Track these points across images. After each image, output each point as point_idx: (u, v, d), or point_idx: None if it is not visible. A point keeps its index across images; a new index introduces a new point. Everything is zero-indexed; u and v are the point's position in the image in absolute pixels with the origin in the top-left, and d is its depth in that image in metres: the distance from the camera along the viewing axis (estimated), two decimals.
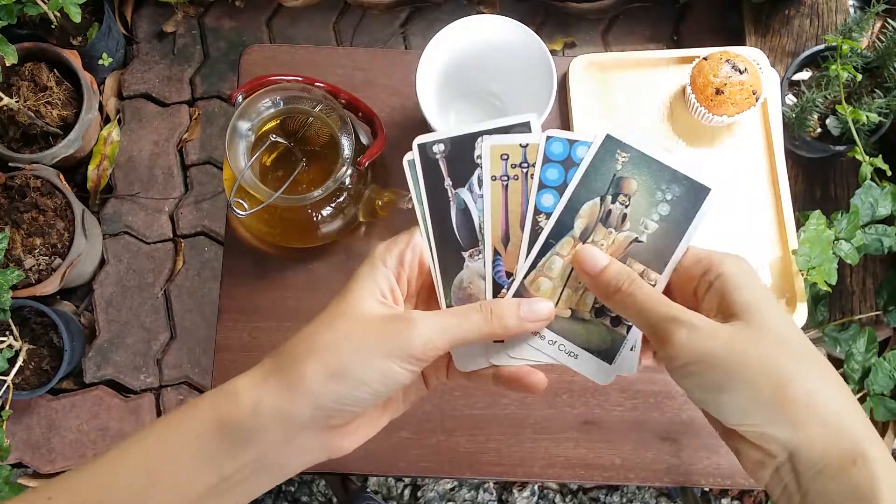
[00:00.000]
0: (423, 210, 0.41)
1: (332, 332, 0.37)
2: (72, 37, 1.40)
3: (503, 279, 0.40)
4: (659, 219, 0.39)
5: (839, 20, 1.21)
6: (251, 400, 0.37)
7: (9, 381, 1.20)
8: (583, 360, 0.40)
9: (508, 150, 0.40)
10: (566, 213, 0.39)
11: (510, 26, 0.70)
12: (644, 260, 0.39)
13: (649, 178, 0.40)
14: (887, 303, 1.03)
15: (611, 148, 0.39)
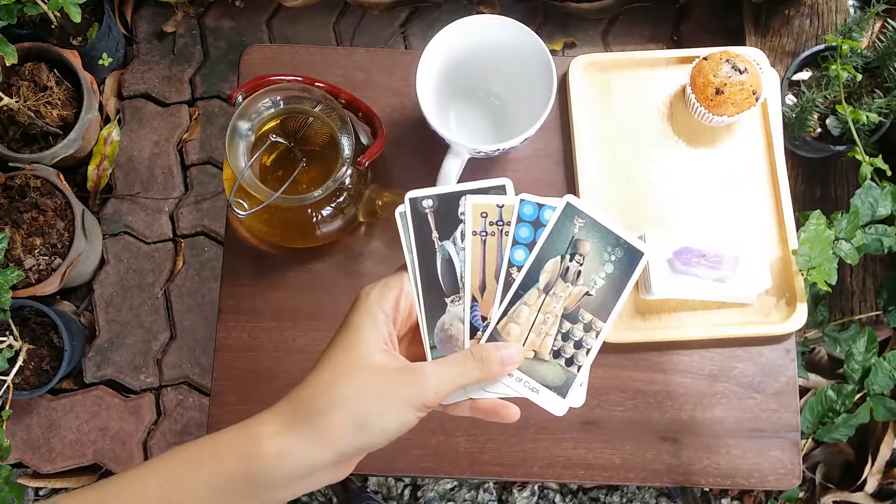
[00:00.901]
0: (413, 259, 0.46)
1: (351, 385, 0.41)
2: (72, 37, 1.40)
3: (479, 323, 0.46)
4: (605, 276, 0.46)
5: (839, 20, 1.21)
6: (278, 449, 0.40)
7: (9, 381, 1.20)
8: (542, 395, 0.46)
9: (487, 209, 0.46)
10: (533, 267, 0.46)
11: (510, 26, 0.70)
12: (592, 310, 0.46)
13: (599, 241, 0.46)
14: (887, 303, 1.03)
15: (570, 214, 0.46)
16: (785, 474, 0.73)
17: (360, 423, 0.40)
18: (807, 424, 1.02)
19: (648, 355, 0.75)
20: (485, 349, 0.44)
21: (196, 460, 0.40)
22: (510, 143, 0.68)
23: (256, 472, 0.39)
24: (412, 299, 0.45)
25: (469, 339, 0.46)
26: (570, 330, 0.46)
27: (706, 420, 0.74)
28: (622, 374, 0.74)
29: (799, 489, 1.31)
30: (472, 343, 0.45)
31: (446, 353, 0.45)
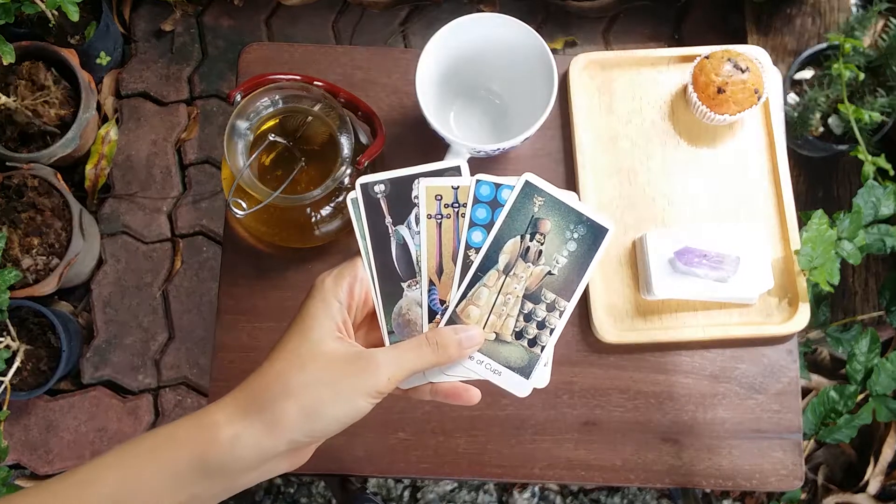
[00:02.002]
0: (367, 245, 0.46)
1: (303, 374, 0.41)
2: (70, 35, 1.39)
3: (437, 306, 0.46)
4: (568, 254, 0.46)
5: (841, 19, 1.21)
6: (230, 435, 0.40)
7: (6, 381, 1.19)
8: (505, 376, 0.46)
9: (442, 191, 0.46)
10: (492, 248, 0.45)
11: (510, 25, 0.69)
12: (555, 290, 0.46)
13: (560, 219, 0.46)
14: (890, 303, 1.02)
15: (529, 192, 0.45)
16: (787, 475, 0.73)
17: (311, 411, 0.40)
18: (809, 425, 1.02)
19: (649, 356, 0.74)
20: (441, 333, 0.44)
21: (152, 450, 0.40)
22: (510, 142, 0.67)
23: (210, 459, 0.40)
24: (367, 286, 0.45)
25: (427, 324, 0.45)
26: (533, 310, 0.46)
27: (708, 421, 0.73)
28: (623, 374, 0.74)
29: (801, 490, 1.31)
30: (430, 327, 0.45)
31: (405, 338, 0.45)
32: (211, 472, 0.40)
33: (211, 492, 0.41)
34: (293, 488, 1.39)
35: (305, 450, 0.44)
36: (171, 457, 0.40)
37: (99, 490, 0.39)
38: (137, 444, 0.41)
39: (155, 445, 0.41)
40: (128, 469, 0.40)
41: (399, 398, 0.47)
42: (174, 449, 0.40)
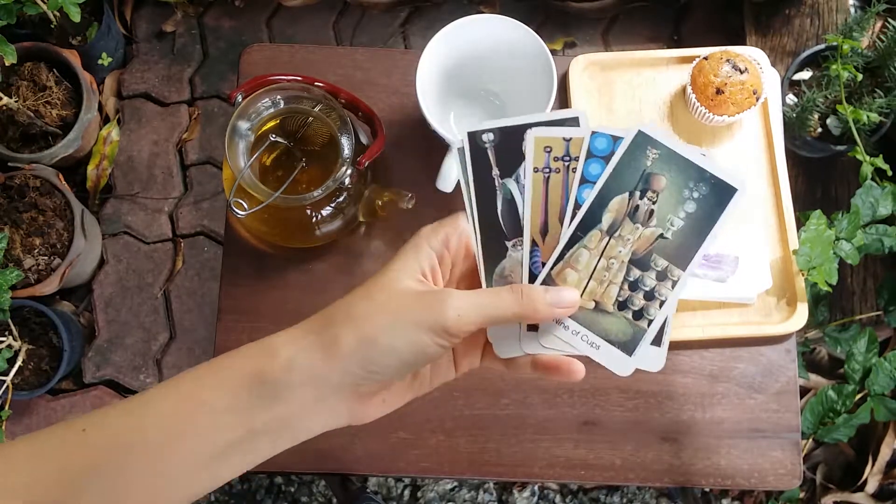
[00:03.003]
0: (471, 197, 0.42)
1: (368, 302, 0.39)
2: (71, 36, 1.39)
3: (539, 269, 0.41)
4: (685, 216, 0.40)
5: (840, 20, 1.21)
6: (286, 357, 0.39)
7: (8, 381, 1.19)
8: (604, 351, 0.41)
9: (552, 142, 0.41)
10: (596, 206, 0.40)
11: (510, 26, 0.69)
12: (668, 256, 0.40)
13: (678, 175, 0.40)
14: (888, 303, 1.03)
15: (642, 144, 0.40)
16: (785, 475, 0.73)
17: (367, 337, 0.38)
18: (807, 425, 1.02)
19: None
20: (529, 287, 0.40)
21: (212, 369, 0.40)
22: None
23: (267, 378, 0.38)
24: (469, 240, 0.42)
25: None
26: (640, 278, 0.40)
27: (706, 420, 0.74)
28: None
29: (799, 490, 1.31)
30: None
31: None
32: (267, 391, 0.38)
33: (264, 419, 0.38)
34: (294, 487, 1.39)
35: (368, 403, 0.41)
36: (231, 376, 0.39)
37: (158, 415, 0.38)
38: (199, 367, 0.40)
39: (216, 366, 0.40)
40: (188, 392, 0.39)
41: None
42: (234, 368, 0.39)
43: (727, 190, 0.40)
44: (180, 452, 0.38)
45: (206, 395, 0.38)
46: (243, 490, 1.40)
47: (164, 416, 0.38)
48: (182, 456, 0.38)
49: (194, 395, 0.39)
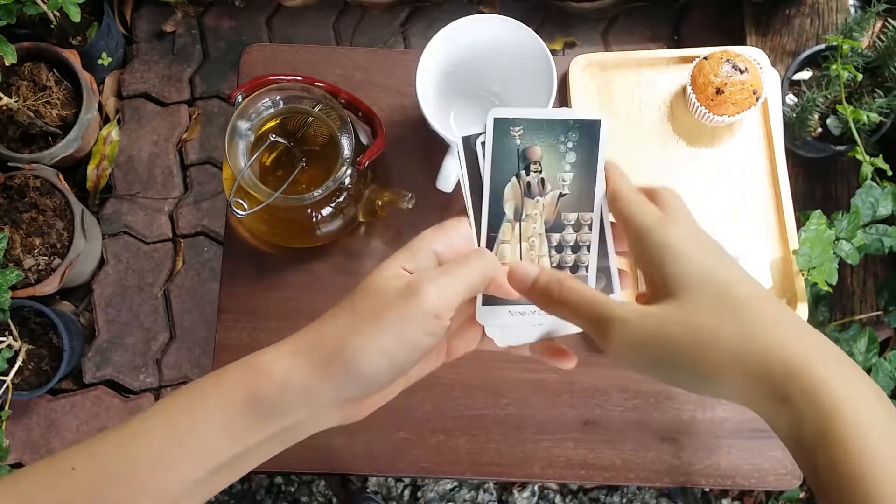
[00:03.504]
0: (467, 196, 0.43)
1: (352, 315, 0.39)
2: (71, 36, 1.39)
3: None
4: (570, 167, 0.42)
5: (840, 20, 1.21)
6: (280, 378, 0.38)
7: (8, 381, 1.20)
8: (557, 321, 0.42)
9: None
10: (493, 202, 0.42)
11: (510, 26, 0.69)
12: (574, 208, 0.42)
13: (547, 136, 0.42)
14: (888, 303, 1.03)
15: (503, 127, 0.42)
16: (785, 474, 0.73)
17: (357, 351, 0.37)
18: None
19: None
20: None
21: (202, 394, 0.39)
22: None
23: (261, 397, 0.38)
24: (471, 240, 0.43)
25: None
26: (561, 239, 0.43)
27: (707, 420, 0.74)
28: (622, 374, 0.74)
29: (799, 489, 1.31)
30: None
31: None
32: (262, 413, 0.38)
33: (260, 437, 0.38)
34: (294, 487, 1.39)
35: (362, 404, 0.41)
36: (223, 398, 0.38)
37: (148, 444, 0.37)
38: (185, 391, 0.39)
39: (205, 389, 0.39)
40: (178, 417, 0.38)
41: (399, 397, 0.46)
42: (225, 390, 0.38)
43: (592, 126, 0.42)
44: (174, 478, 0.37)
45: (197, 420, 0.38)
46: (243, 490, 1.40)
47: (155, 443, 0.37)
48: (175, 480, 0.37)
49: (186, 420, 0.38)
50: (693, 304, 0.36)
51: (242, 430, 0.38)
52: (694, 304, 0.36)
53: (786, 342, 0.34)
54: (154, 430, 0.38)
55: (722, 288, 0.36)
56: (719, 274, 0.37)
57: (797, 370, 0.33)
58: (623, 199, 0.41)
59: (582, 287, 0.39)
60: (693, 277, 0.37)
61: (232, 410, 0.38)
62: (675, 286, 0.37)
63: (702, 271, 0.37)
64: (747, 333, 0.35)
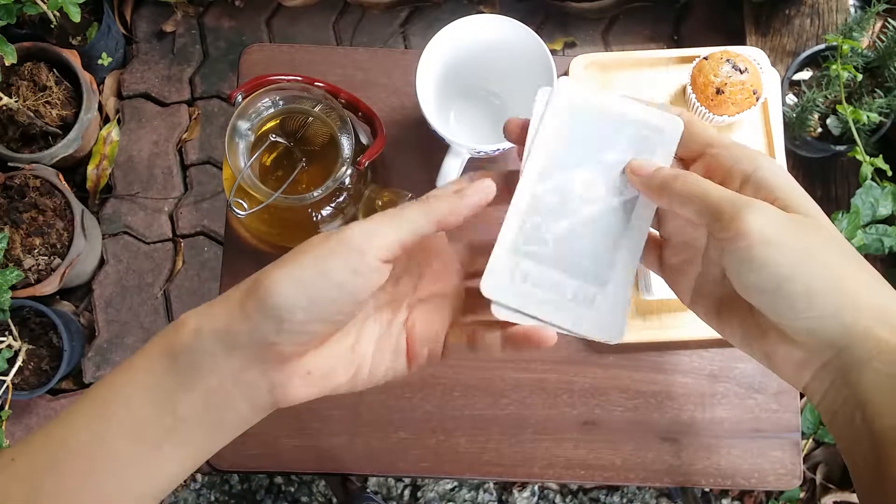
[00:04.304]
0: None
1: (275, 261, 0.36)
2: (71, 36, 1.40)
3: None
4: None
5: (840, 20, 1.21)
6: (193, 326, 0.36)
7: (8, 381, 1.20)
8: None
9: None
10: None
11: (510, 26, 0.69)
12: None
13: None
14: None
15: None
16: (785, 474, 0.73)
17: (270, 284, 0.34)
18: (807, 425, 1.02)
19: (648, 355, 0.75)
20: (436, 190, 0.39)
21: (125, 367, 0.37)
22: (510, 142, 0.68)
23: (173, 352, 0.36)
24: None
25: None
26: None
27: (706, 420, 0.74)
28: (622, 374, 0.74)
29: (800, 489, 1.31)
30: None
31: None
32: (182, 368, 0.35)
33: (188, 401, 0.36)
34: (294, 487, 1.39)
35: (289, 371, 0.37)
36: (143, 364, 0.36)
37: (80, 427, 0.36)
38: (115, 369, 0.37)
39: (130, 360, 0.37)
40: (107, 392, 0.36)
41: (399, 398, 0.46)
42: (146, 353, 0.36)
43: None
44: (108, 454, 0.35)
45: (124, 390, 0.36)
46: (243, 490, 1.40)
47: (88, 423, 0.36)
48: (111, 457, 0.36)
49: (114, 393, 0.36)
50: (825, 227, 0.36)
51: (169, 393, 0.36)
52: (826, 227, 0.36)
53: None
54: (86, 413, 0.36)
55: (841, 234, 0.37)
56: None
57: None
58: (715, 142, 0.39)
59: (707, 180, 0.38)
60: (817, 210, 0.37)
61: (154, 374, 0.36)
62: (802, 209, 0.36)
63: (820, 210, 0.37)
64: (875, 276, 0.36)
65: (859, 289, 0.35)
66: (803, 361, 0.36)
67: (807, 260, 0.34)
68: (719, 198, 0.36)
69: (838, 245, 0.36)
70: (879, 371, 0.34)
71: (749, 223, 0.34)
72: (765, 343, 0.38)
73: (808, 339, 0.35)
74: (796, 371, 0.37)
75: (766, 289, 0.35)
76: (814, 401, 0.37)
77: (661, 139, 0.40)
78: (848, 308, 0.34)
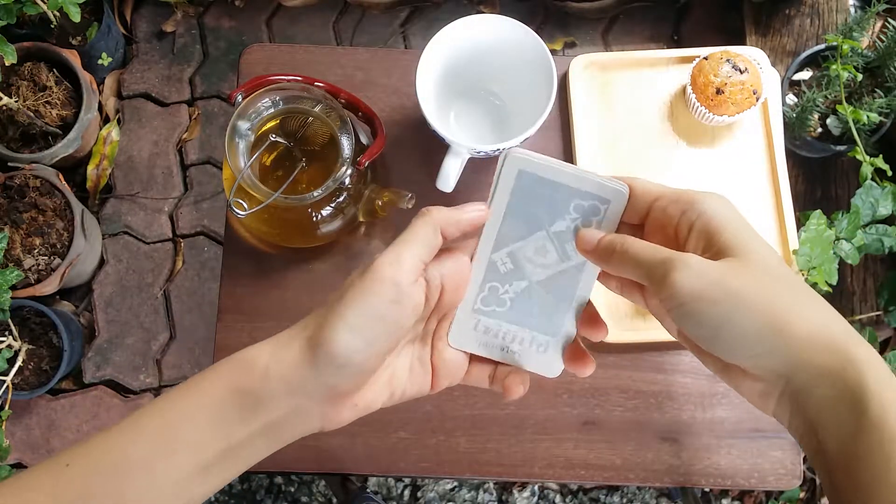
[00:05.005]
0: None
1: (327, 304, 0.40)
2: (71, 36, 1.40)
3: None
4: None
5: (840, 20, 1.21)
6: (262, 369, 0.39)
7: (8, 381, 1.20)
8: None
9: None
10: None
11: (510, 26, 0.69)
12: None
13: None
14: (888, 303, 1.03)
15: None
16: (785, 475, 0.73)
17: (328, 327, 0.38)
18: None
19: (649, 355, 0.75)
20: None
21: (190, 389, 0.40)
22: (510, 142, 0.68)
23: (245, 389, 0.39)
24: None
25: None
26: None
27: (707, 420, 0.74)
28: (622, 374, 0.74)
29: (800, 489, 1.31)
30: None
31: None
32: (248, 405, 0.39)
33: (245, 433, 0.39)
34: (294, 487, 1.39)
35: (341, 406, 0.41)
36: (211, 393, 0.39)
37: (139, 439, 0.38)
38: (177, 388, 0.40)
39: (196, 384, 0.40)
40: (170, 412, 0.39)
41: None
42: (213, 385, 0.40)
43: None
44: (165, 469, 0.38)
45: (188, 413, 0.39)
46: (243, 490, 1.40)
47: (147, 437, 0.38)
48: (167, 473, 0.38)
49: (178, 414, 0.39)
50: (755, 264, 0.37)
51: (230, 424, 0.39)
52: (756, 264, 0.37)
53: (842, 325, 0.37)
54: (146, 426, 0.39)
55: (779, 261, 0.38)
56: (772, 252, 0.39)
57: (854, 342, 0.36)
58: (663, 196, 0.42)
59: (642, 242, 0.40)
60: (755, 245, 0.38)
61: (219, 404, 0.39)
62: (736, 250, 0.38)
63: (760, 243, 0.38)
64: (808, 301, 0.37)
65: (791, 321, 0.36)
66: (764, 392, 0.38)
67: (734, 306, 0.36)
68: (648, 260, 0.39)
69: (769, 278, 0.37)
70: (824, 396, 0.36)
71: (676, 282, 0.37)
72: (731, 378, 0.40)
73: (760, 372, 0.37)
74: (762, 400, 0.39)
75: (706, 336, 0.38)
76: (784, 426, 0.39)
77: (607, 208, 0.43)
78: (780, 345, 0.36)
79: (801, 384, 0.36)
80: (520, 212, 0.43)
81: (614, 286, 0.45)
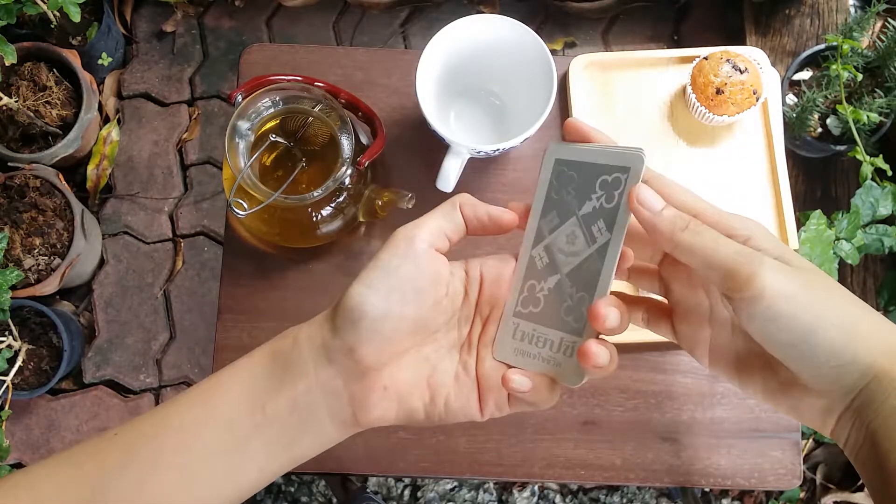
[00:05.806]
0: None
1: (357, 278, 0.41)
2: (71, 36, 1.40)
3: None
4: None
5: (840, 20, 1.21)
6: (294, 332, 0.42)
7: (8, 381, 1.20)
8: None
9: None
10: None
11: (510, 26, 0.69)
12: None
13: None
14: (888, 302, 1.03)
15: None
16: (785, 474, 0.73)
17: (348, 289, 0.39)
18: None
19: (649, 355, 0.75)
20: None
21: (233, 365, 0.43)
22: (510, 142, 0.68)
23: (276, 357, 0.41)
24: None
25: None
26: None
27: (706, 420, 0.74)
28: (622, 374, 0.74)
29: (800, 489, 1.31)
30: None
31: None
32: (278, 370, 0.40)
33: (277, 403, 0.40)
34: (294, 487, 1.39)
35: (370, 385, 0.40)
36: (247, 365, 0.42)
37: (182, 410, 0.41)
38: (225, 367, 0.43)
39: (238, 360, 0.43)
40: (208, 385, 0.42)
41: None
42: (250, 357, 0.42)
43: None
44: (202, 437, 0.39)
45: (226, 385, 0.41)
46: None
47: (187, 407, 0.41)
48: (204, 441, 0.39)
49: (215, 386, 0.41)
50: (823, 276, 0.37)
51: (260, 393, 0.40)
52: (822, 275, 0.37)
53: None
54: (190, 397, 0.41)
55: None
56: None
57: None
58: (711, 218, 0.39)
59: (714, 231, 0.37)
60: (804, 262, 0.37)
61: (251, 375, 0.41)
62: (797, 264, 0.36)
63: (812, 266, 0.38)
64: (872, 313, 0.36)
65: (871, 332, 0.35)
66: (827, 409, 0.37)
67: (823, 312, 0.35)
68: (731, 255, 0.36)
69: (842, 291, 0.36)
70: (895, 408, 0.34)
71: (767, 280, 0.34)
72: (789, 397, 0.38)
73: (830, 387, 0.36)
74: (822, 419, 0.37)
75: (790, 342, 0.35)
76: (840, 444, 0.38)
77: (626, 177, 0.40)
78: (864, 353, 0.35)
79: (871, 396, 0.35)
80: (555, 203, 0.43)
81: (640, 320, 0.44)
